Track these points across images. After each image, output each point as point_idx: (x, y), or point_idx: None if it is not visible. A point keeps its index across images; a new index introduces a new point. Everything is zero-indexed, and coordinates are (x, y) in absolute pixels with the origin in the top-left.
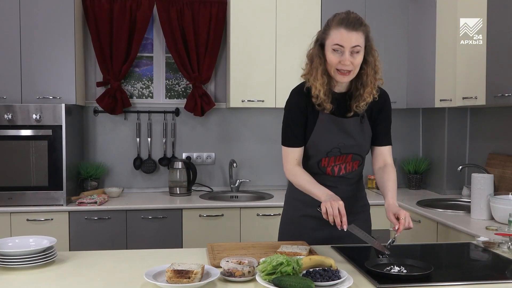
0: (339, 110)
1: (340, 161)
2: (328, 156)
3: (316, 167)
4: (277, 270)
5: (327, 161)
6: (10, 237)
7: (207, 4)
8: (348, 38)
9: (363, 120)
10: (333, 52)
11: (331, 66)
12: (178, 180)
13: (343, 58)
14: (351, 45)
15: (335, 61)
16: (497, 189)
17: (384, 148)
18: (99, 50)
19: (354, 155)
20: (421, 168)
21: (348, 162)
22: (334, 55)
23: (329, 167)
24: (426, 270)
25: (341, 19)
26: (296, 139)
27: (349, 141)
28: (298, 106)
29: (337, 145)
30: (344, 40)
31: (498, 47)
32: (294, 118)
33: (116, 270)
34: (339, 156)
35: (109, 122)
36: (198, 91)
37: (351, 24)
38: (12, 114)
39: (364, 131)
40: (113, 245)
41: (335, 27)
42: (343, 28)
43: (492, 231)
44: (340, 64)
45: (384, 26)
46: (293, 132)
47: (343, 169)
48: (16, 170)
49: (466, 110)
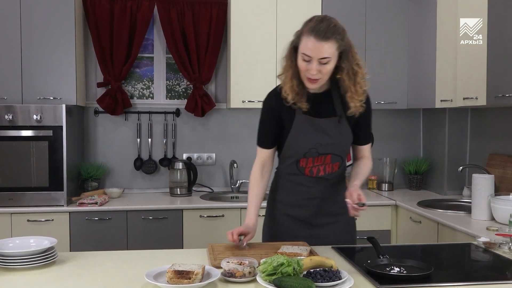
0: (316, 110)
1: (319, 162)
2: (306, 156)
3: (295, 168)
4: (277, 271)
5: (305, 162)
6: (11, 238)
7: (208, 4)
8: (317, 48)
9: (341, 120)
10: (303, 60)
11: (301, 72)
12: (178, 180)
13: (310, 67)
14: (319, 56)
15: (304, 69)
16: (497, 189)
17: (364, 146)
18: (99, 51)
19: (333, 156)
20: (421, 168)
21: (327, 164)
22: (303, 63)
23: (308, 168)
24: (426, 271)
25: (312, 27)
26: (265, 140)
27: (326, 140)
28: (270, 108)
29: (314, 146)
30: (312, 51)
31: (499, 47)
32: (265, 119)
33: (116, 271)
34: (317, 157)
35: (109, 123)
36: (199, 92)
37: (322, 34)
38: (12, 114)
39: (342, 131)
40: (113, 245)
41: (306, 35)
42: (313, 38)
43: (492, 231)
44: (308, 72)
45: (384, 26)
46: (264, 133)
47: (322, 171)
48: (16, 171)
49: (466, 110)
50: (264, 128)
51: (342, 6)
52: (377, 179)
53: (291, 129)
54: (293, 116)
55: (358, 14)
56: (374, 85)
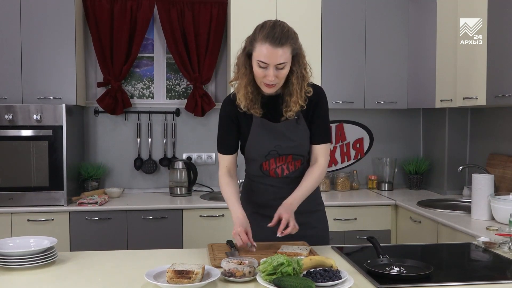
0: (271, 114)
1: (281, 161)
2: (268, 159)
3: (259, 170)
4: (277, 271)
5: (268, 164)
6: (11, 238)
7: (208, 4)
8: (273, 55)
9: (299, 121)
10: (259, 66)
11: (257, 79)
12: (178, 180)
13: (267, 73)
14: (276, 62)
15: (261, 75)
16: (497, 189)
17: (317, 146)
18: (99, 51)
19: (294, 155)
20: (421, 168)
21: (289, 162)
22: (260, 70)
23: (271, 170)
24: (426, 271)
25: (266, 34)
26: (226, 147)
27: (286, 143)
28: (227, 115)
29: (273, 148)
30: (268, 58)
31: (499, 47)
32: (223, 126)
33: (116, 271)
34: (278, 157)
35: (109, 123)
36: (199, 92)
37: (277, 40)
38: (12, 114)
39: (300, 131)
40: (113, 245)
41: (260, 42)
42: (268, 44)
43: (492, 231)
44: (265, 78)
45: (384, 26)
46: (223, 140)
47: (286, 170)
48: (16, 171)
49: (466, 110)
50: (223, 135)
51: (342, 6)
52: (377, 179)
53: (249, 134)
54: (251, 121)
55: (358, 14)
56: (374, 85)
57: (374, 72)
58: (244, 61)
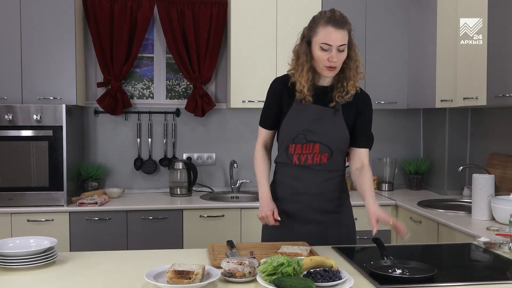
0: (319, 103)
1: (307, 150)
2: (295, 142)
3: (285, 155)
4: (277, 271)
5: (294, 148)
6: (11, 238)
7: (208, 4)
8: (336, 37)
9: (337, 113)
10: (321, 50)
11: (319, 63)
12: (178, 180)
13: (331, 56)
14: (338, 43)
15: (324, 58)
16: (498, 189)
17: (362, 150)
18: (99, 51)
19: (321, 145)
20: (422, 168)
21: (315, 153)
22: (322, 53)
23: (296, 155)
24: (429, 273)
25: (328, 17)
26: (266, 121)
27: (315, 128)
28: (275, 91)
29: (302, 131)
30: (331, 39)
31: (499, 47)
32: (269, 101)
33: (116, 271)
34: (305, 143)
35: (109, 123)
36: (199, 92)
37: (338, 22)
38: (12, 114)
39: (335, 123)
40: (113, 245)
41: (323, 26)
42: (331, 27)
43: (493, 231)
44: (328, 61)
45: (384, 26)
46: (266, 114)
47: (309, 159)
48: (16, 171)
49: (467, 110)
50: (266, 110)
51: (342, 6)
52: (377, 179)
53: (286, 115)
54: (291, 104)
55: (358, 14)
56: (374, 85)
57: (374, 72)
58: (304, 49)
